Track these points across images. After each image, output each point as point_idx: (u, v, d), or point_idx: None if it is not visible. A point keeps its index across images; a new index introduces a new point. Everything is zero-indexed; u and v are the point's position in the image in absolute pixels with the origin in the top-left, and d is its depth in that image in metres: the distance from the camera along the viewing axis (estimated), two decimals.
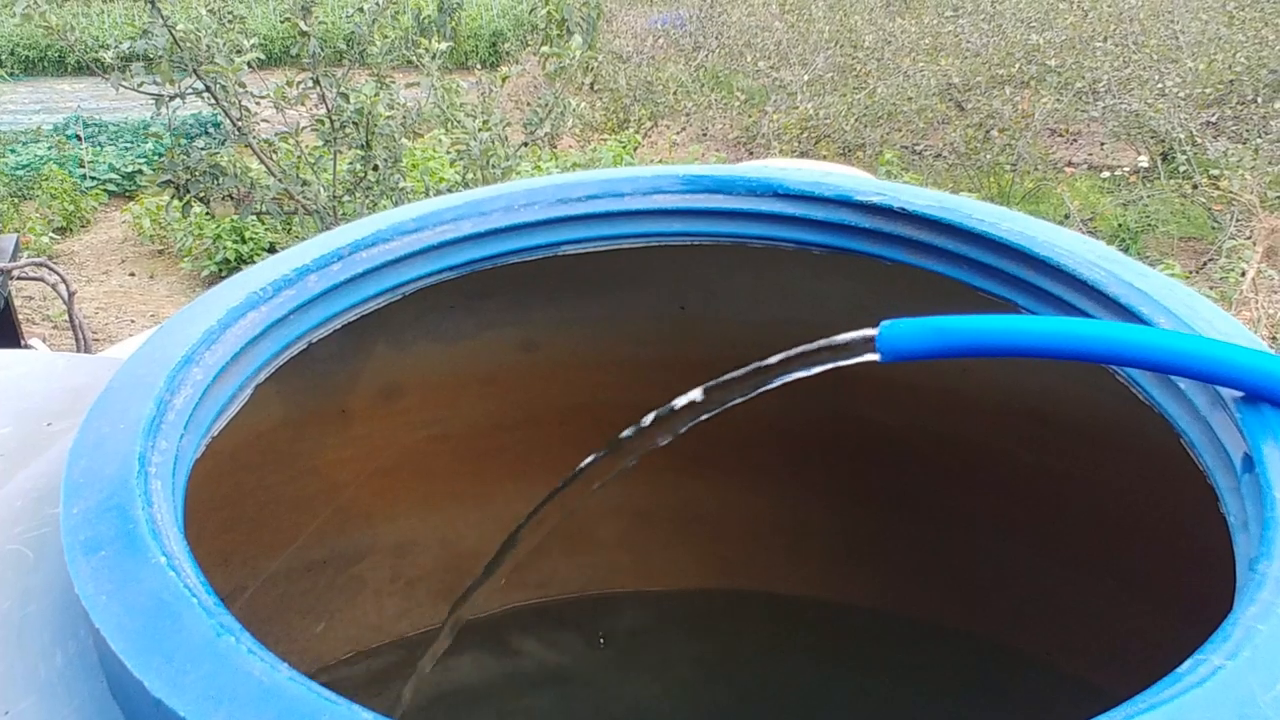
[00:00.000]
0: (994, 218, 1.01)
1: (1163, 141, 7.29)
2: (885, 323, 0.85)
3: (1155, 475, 1.10)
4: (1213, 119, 7.37)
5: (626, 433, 1.02)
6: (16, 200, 7.76)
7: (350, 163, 5.10)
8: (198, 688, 0.56)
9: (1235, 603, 0.64)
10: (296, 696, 0.56)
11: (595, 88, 9.62)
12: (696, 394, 0.98)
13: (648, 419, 1.01)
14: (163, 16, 4.54)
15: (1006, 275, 0.99)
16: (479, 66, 8.96)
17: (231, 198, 5.01)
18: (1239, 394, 0.77)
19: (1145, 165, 7.51)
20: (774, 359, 0.92)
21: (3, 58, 11.79)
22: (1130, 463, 1.16)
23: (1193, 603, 1.15)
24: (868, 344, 0.86)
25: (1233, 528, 0.72)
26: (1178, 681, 0.56)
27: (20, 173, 8.09)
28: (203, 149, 5.08)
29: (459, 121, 5.24)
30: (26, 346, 3.23)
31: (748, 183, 1.11)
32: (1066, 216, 6.43)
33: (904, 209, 1.04)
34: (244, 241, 6.56)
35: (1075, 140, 8.53)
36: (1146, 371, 0.86)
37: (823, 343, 0.89)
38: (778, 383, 0.93)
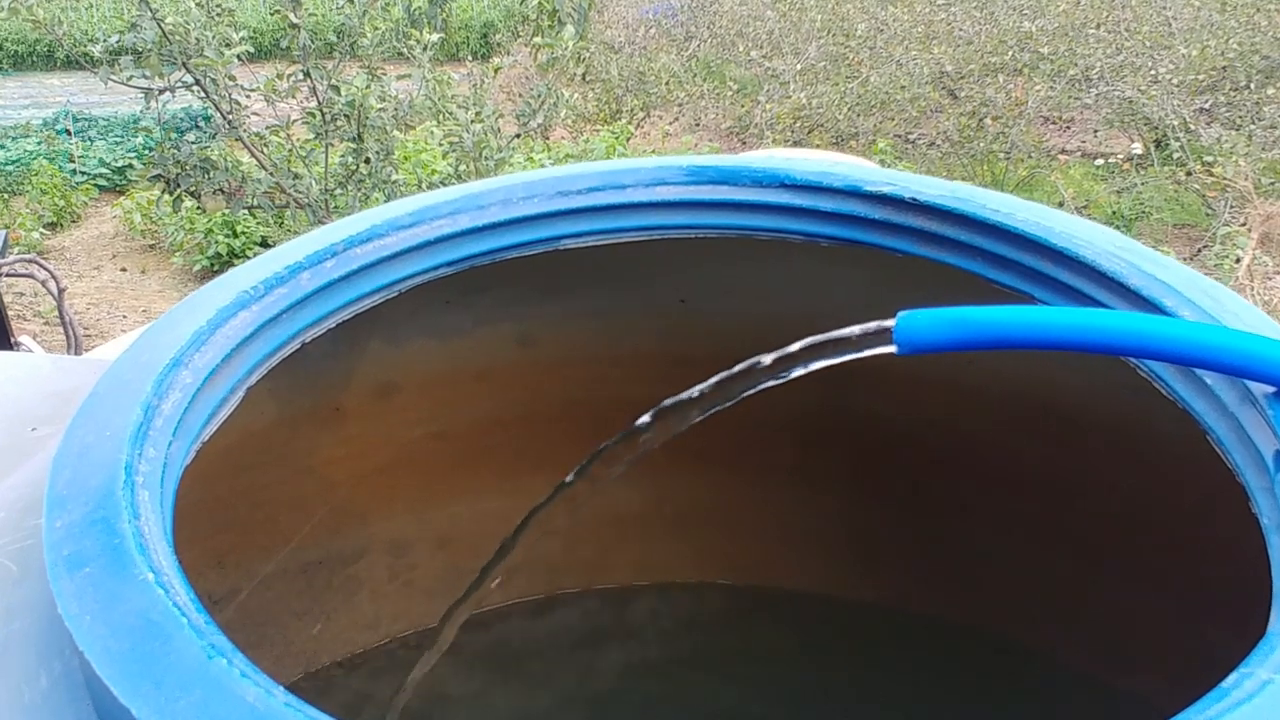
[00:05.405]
0: (1008, 208, 0.99)
1: (1156, 128, 7.28)
2: (902, 313, 0.82)
3: (1166, 468, 1.08)
4: (1206, 105, 7.36)
5: (632, 426, 1.00)
6: (6, 196, 7.75)
7: (342, 155, 5.08)
8: (188, 715, 0.53)
9: (1275, 610, 0.62)
10: None
11: (587, 78, 9.60)
12: (704, 387, 0.96)
13: (649, 415, 0.98)
14: (151, 10, 4.51)
15: (1022, 267, 0.96)
16: (470, 58, 8.92)
17: (223, 192, 4.99)
18: (1270, 389, 0.75)
19: (1139, 152, 7.50)
20: (786, 350, 0.90)
21: None
22: (1140, 456, 1.14)
23: (1205, 598, 1.14)
24: (884, 335, 0.83)
25: (1266, 529, 0.69)
26: (1224, 697, 0.54)
27: (10, 168, 8.07)
28: (193, 143, 5.05)
29: (451, 113, 5.22)
30: (17, 344, 3.21)
31: (753, 173, 1.09)
32: (1060, 204, 6.42)
33: (915, 199, 1.02)
34: (236, 236, 6.54)
35: (1068, 128, 8.53)
36: (1171, 365, 0.83)
37: (837, 334, 0.86)
38: (790, 375, 0.90)
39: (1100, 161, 7.73)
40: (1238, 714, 0.52)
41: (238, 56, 4.75)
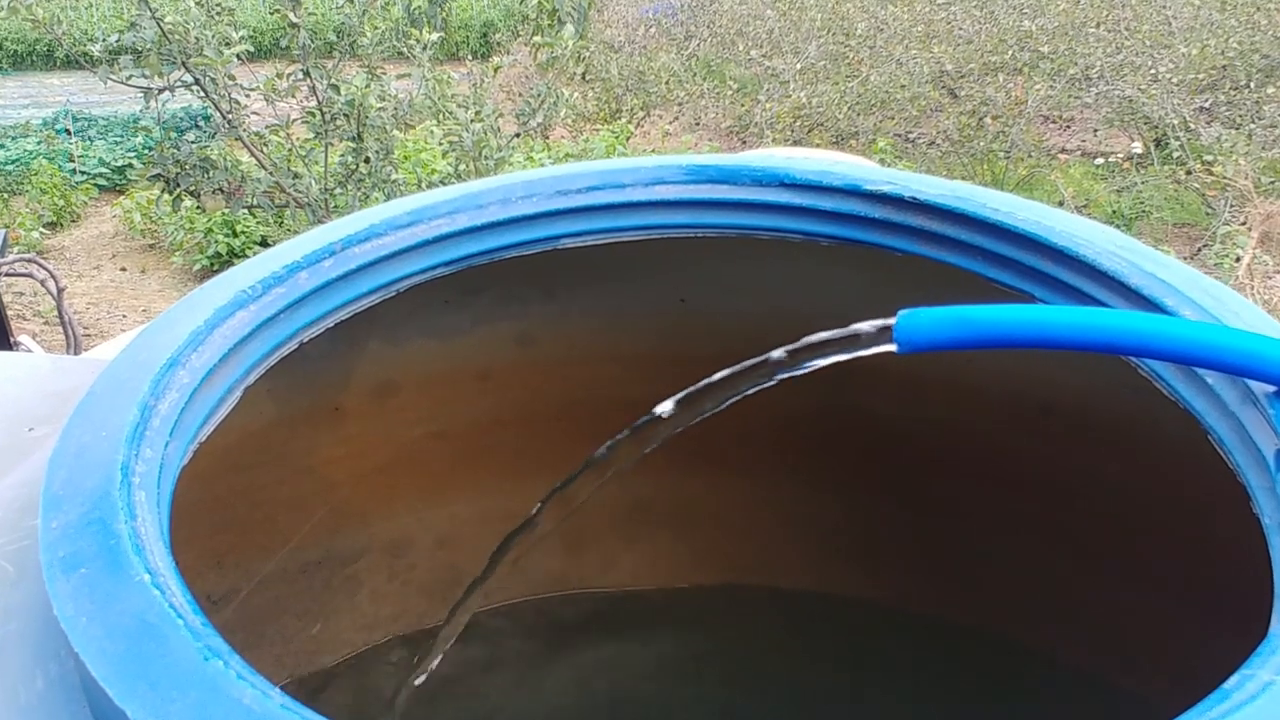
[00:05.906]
0: (1009, 207, 0.98)
1: (1156, 128, 7.28)
2: (903, 312, 0.82)
3: (1166, 468, 1.08)
4: (1206, 104, 7.36)
5: (624, 433, 1.00)
6: (6, 195, 7.75)
7: (341, 155, 5.07)
8: (184, 717, 0.53)
9: (1276, 611, 0.61)
10: None
11: (587, 78, 9.59)
12: (703, 385, 0.95)
13: (654, 411, 0.98)
14: (150, 9, 4.51)
15: (1023, 266, 0.96)
16: (470, 57, 8.91)
17: (222, 191, 4.98)
18: (1271, 388, 0.74)
19: (1139, 151, 7.50)
20: (787, 349, 0.89)
21: None
22: (1140, 456, 1.14)
23: (1205, 598, 1.13)
24: (885, 334, 0.83)
25: (1268, 529, 0.69)
26: (1226, 698, 0.53)
27: (9, 168, 8.06)
28: (193, 142, 5.05)
29: (451, 113, 5.21)
30: (16, 344, 3.21)
31: (753, 172, 1.08)
32: (1060, 204, 6.41)
33: (915, 198, 1.01)
34: (235, 235, 6.55)
35: (1068, 127, 8.52)
36: (1172, 365, 0.83)
37: (838, 333, 0.86)
38: (790, 374, 0.90)
39: (1100, 160, 7.72)
40: (1239, 716, 0.52)
41: (237, 56, 4.74)
